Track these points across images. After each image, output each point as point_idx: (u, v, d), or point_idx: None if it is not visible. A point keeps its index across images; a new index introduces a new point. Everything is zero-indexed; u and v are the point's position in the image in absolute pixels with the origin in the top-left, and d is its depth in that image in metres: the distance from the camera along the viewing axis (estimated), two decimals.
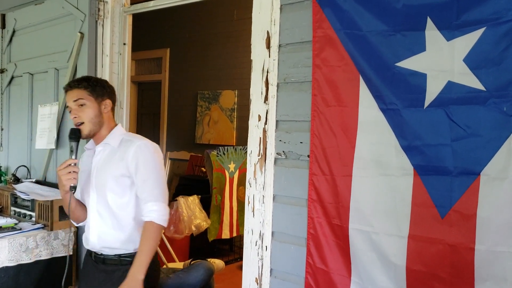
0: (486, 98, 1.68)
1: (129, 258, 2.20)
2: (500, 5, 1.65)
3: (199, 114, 6.73)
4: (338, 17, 2.02)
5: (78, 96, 2.20)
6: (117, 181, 2.19)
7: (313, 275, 2.12)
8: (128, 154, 2.18)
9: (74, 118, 2.20)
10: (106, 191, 2.21)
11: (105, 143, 2.25)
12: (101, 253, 2.25)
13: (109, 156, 2.24)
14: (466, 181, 1.72)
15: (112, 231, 2.21)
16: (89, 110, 2.20)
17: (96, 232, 2.24)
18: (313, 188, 2.11)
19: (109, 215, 2.22)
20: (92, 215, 2.26)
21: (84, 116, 2.19)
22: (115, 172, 2.19)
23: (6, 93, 3.97)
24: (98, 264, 2.27)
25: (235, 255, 5.48)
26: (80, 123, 2.19)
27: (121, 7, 3.18)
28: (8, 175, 3.76)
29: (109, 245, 2.22)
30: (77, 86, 2.22)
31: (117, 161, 2.20)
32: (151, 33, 7.22)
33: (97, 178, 2.24)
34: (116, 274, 2.20)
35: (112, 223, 2.21)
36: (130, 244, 2.21)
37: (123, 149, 2.21)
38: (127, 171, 2.18)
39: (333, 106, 2.04)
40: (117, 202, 2.20)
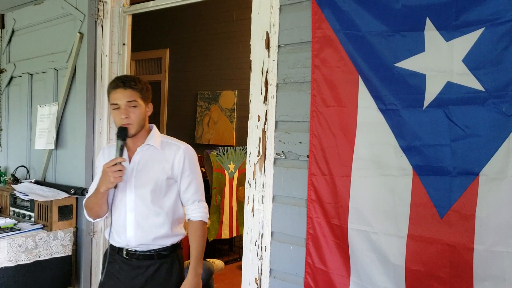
0: (485, 99, 1.68)
1: (166, 251, 2.31)
2: (499, 5, 1.65)
3: (199, 114, 6.73)
4: (337, 17, 2.02)
5: (133, 98, 2.23)
6: (161, 182, 2.28)
7: (312, 275, 2.12)
8: (174, 157, 2.30)
9: (125, 118, 2.22)
10: (148, 191, 2.27)
11: (148, 144, 2.31)
12: (135, 250, 2.30)
13: (152, 157, 2.31)
14: (465, 181, 1.73)
15: (151, 229, 2.27)
16: (139, 112, 2.25)
17: (133, 229, 2.28)
18: (312, 188, 2.11)
19: (149, 214, 2.28)
20: (129, 213, 2.30)
21: (134, 117, 2.24)
22: (159, 173, 2.28)
23: (5, 93, 3.97)
24: (131, 260, 2.31)
25: (235, 255, 5.48)
26: (128, 124, 2.23)
27: (121, 7, 3.18)
28: (7, 175, 3.76)
29: (147, 241, 2.28)
30: (133, 87, 2.25)
31: (162, 162, 2.29)
32: (150, 33, 7.23)
33: (138, 178, 2.29)
34: (151, 269, 2.29)
35: (152, 220, 2.28)
36: (168, 240, 2.31)
37: (167, 151, 2.32)
38: (172, 173, 2.30)
39: (332, 106, 2.04)
40: (159, 201, 2.29)
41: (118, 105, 2.23)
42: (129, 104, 2.22)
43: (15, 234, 2.84)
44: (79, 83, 3.20)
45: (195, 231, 2.33)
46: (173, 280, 2.32)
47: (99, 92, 3.17)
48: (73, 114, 3.26)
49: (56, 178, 3.40)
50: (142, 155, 2.31)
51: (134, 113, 2.23)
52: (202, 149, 5.95)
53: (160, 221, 2.28)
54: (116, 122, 2.25)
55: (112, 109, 2.27)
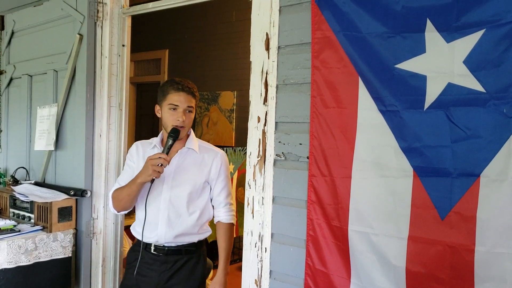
0: (486, 100, 1.68)
1: (193, 247, 2.50)
2: (500, 7, 1.65)
3: (198, 115, 6.73)
4: (337, 18, 2.02)
5: (192, 104, 2.42)
6: (198, 185, 2.46)
7: (312, 277, 2.12)
8: (213, 162, 2.50)
9: (182, 121, 2.38)
10: (185, 192, 2.43)
11: (188, 148, 2.48)
12: (164, 245, 2.45)
13: (191, 160, 2.48)
14: (466, 182, 1.72)
15: (182, 226, 2.42)
16: (192, 117, 2.46)
17: (165, 226, 2.41)
18: (313, 190, 2.11)
19: (182, 213, 2.43)
20: (162, 211, 2.42)
21: (188, 122, 2.42)
22: (198, 176, 2.46)
23: (5, 95, 3.96)
24: (159, 255, 2.45)
25: (234, 256, 5.47)
26: (181, 127, 2.39)
27: (120, 9, 3.17)
28: (7, 176, 3.75)
29: (176, 238, 2.43)
30: (193, 94, 2.44)
31: (202, 166, 2.48)
32: (150, 34, 7.23)
33: (176, 178, 2.44)
34: (178, 264, 2.46)
35: (184, 219, 2.43)
36: (196, 236, 2.49)
37: (206, 156, 2.50)
38: (208, 176, 2.49)
39: (332, 107, 2.04)
40: (193, 202, 2.45)
41: (178, 107, 2.39)
42: (188, 109, 2.41)
43: (15, 235, 2.83)
44: (78, 85, 3.20)
45: (225, 232, 2.54)
46: (197, 274, 2.49)
47: (98, 94, 3.17)
48: (72, 116, 3.26)
49: (56, 179, 3.40)
50: (181, 157, 2.46)
51: (189, 118, 2.43)
52: None
53: (192, 220, 2.43)
54: (169, 121, 2.39)
55: (168, 108, 2.40)
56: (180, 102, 2.38)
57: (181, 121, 2.38)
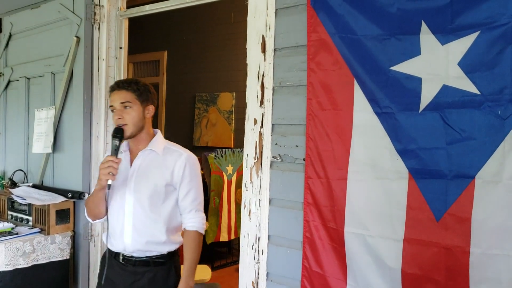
0: (481, 102, 1.69)
1: (162, 259, 2.28)
2: (494, 9, 1.66)
3: (197, 117, 6.73)
4: (332, 21, 2.02)
5: (126, 99, 2.24)
6: (160, 188, 2.25)
7: (309, 279, 2.12)
8: (175, 164, 2.27)
9: (118, 119, 2.23)
10: (146, 196, 2.25)
11: (150, 149, 2.30)
12: (132, 255, 2.27)
13: (152, 162, 2.29)
14: (461, 184, 1.73)
15: (148, 235, 2.24)
16: (134, 113, 2.25)
17: (130, 234, 2.25)
18: (309, 192, 2.11)
19: (146, 219, 2.25)
20: (127, 217, 2.27)
21: (128, 118, 2.24)
22: (158, 179, 2.25)
23: (2, 97, 3.97)
24: (127, 266, 2.28)
25: (233, 258, 5.47)
26: (123, 124, 2.23)
27: (117, 11, 3.18)
28: (5, 179, 3.75)
29: (143, 247, 2.25)
30: (126, 88, 2.26)
31: (163, 169, 2.27)
32: (148, 36, 7.23)
33: (138, 182, 2.27)
34: (147, 275, 2.26)
35: (149, 226, 2.25)
36: (165, 246, 2.28)
37: (169, 158, 2.29)
38: (171, 180, 2.27)
39: (328, 109, 2.04)
40: (155, 207, 2.25)
41: (113, 107, 2.26)
42: (123, 105, 2.23)
43: (13, 238, 2.84)
44: (76, 87, 3.20)
45: (189, 241, 2.29)
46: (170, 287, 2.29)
47: (96, 96, 3.17)
48: (70, 118, 3.26)
49: (54, 182, 3.40)
50: (143, 160, 2.30)
51: (128, 114, 2.23)
52: (200, 151, 5.95)
53: (158, 228, 2.25)
54: (114, 124, 2.27)
55: (111, 111, 2.30)
56: (114, 101, 2.26)
57: (118, 119, 2.23)
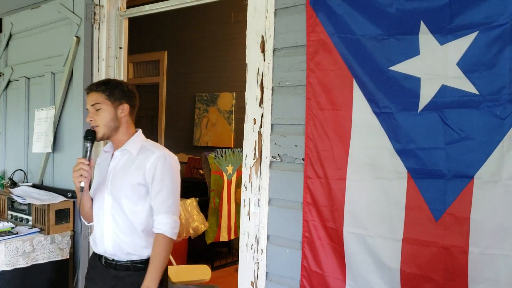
0: (480, 102, 1.69)
1: (142, 264, 2.22)
2: (493, 9, 1.66)
3: (197, 117, 6.74)
4: (331, 21, 2.02)
5: (95, 101, 2.22)
6: (133, 189, 2.20)
7: (308, 279, 2.12)
8: (146, 163, 2.19)
9: (90, 121, 2.22)
10: (121, 197, 2.21)
11: (124, 149, 2.26)
12: (113, 259, 2.25)
13: (127, 162, 2.25)
14: (460, 184, 1.73)
15: (126, 237, 2.21)
16: (104, 114, 2.22)
17: (110, 237, 2.23)
18: (308, 191, 2.12)
19: (124, 221, 2.21)
20: (106, 219, 2.25)
21: (99, 119, 2.21)
22: (132, 180, 2.20)
23: (2, 97, 3.97)
24: (108, 269, 2.26)
25: (233, 258, 5.47)
26: (95, 126, 2.22)
27: (117, 11, 3.18)
28: (5, 179, 3.75)
29: (123, 250, 2.22)
30: (95, 89, 2.24)
31: (135, 169, 2.21)
32: (148, 36, 7.23)
33: (113, 183, 2.24)
34: (128, 280, 2.22)
35: (127, 229, 2.21)
36: (144, 250, 2.22)
37: (142, 157, 2.22)
38: (144, 180, 2.20)
39: (327, 109, 2.05)
40: (131, 209, 2.21)
41: (87, 109, 2.26)
42: (93, 107, 2.22)
43: (13, 238, 2.84)
44: (76, 87, 3.21)
45: (155, 245, 2.19)
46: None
47: None
48: (70, 118, 3.26)
49: (54, 181, 3.40)
50: (118, 160, 2.28)
51: (99, 115, 2.21)
52: (200, 151, 5.96)
53: (135, 231, 2.20)
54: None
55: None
56: (87, 103, 2.25)
57: (89, 121, 2.23)
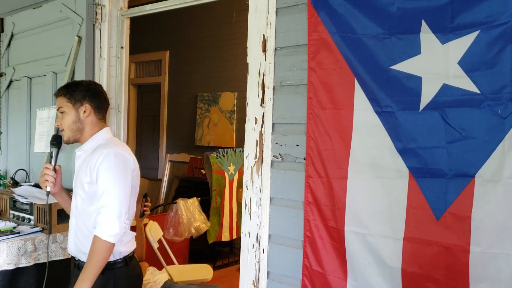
0: (481, 101, 1.69)
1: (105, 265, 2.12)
2: (494, 8, 1.66)
3: (199, 116, 6.74)
4: (333, 20, 2.02)
5: (59, 105, 2.27)
6: (84, 189, 2.17)
7: (309, 278, 2.12)
8: (94, 162, 2.13)
9: (57, 125, 2.28)
10: (79, 198, 2.21)
11: (81, 149, 2.29)
12: (78, 259, 2.26)
13: (84, 162, 2.23)
14: (461, 183, 1.73)
15: (84, 238, 2.18)
16: (66, 117, 2.25)
17: (72, 237, 2.25)
18: (309, 191, 2.12)
19: (81, 222, 2.20)
20: (71, 220, 2.28)
21: (63, 123, 2.25)
22: (82, 179, 2.18)
23: (4, 97, 3.98)
24: (75, 269, 2.28)
25: (235, 257, 5.48)
26: (61, 129, 2.26)
27: (119, 11, 3.19)
28: (7, 178, 3.76)
29: (81, 250, 2.21)
30: (58, 94, 2.29)
31: (85, 168, 2.17)
32: (150, 36, 7.24)
33: (74, 184, 2.27)
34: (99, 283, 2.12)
35: (84, 229, 2.18)
36: None
37: (92, 155, 2.17)
38: (91, 179, 2.13)
39: (328, 109, 2.05)
40: (85, 209, 2.18)
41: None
42: (59, 111, 2.27)
43: (15, 237, 2.84)
44: None
45: (91, 245, 2.07)
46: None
47: None
48: None
49: None
50: (79, 160, 2.29)
51: (63, 119, 2.25)
52: (202, 151, 5.96)
53: (89, 231, 2.14)
54: None
55: None
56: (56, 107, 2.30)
57: (56, 125, 2.28)
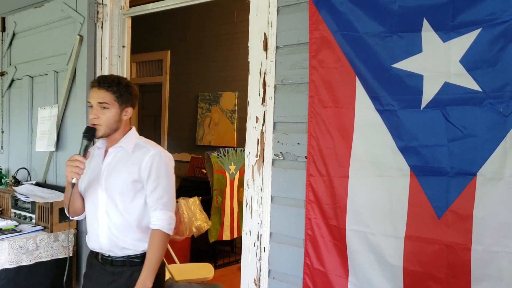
0: (482, 99, 1.69)
1: (138, 259, 2.23)
2: (495, 6, 1.66)
3: (200, 116, 6.74)
4: (334, 18, 2.02)
5: (104, 100, 2.17)
6: (128, 185, 2.20)
7: (310, 276, 2.13)
8: (142, 160, 2.20)
9: (93, 118, 2.18)
10: (116, 194, 2.21)
11: (119, 146, 2.26)
12: (109, 255, 2.26)
13: (122, 159, 2.24)
14: (462, 181, 1.73)
15: (121, 233, 2.22)
16: (110, 114, 2.19)
17: (105, 233, 2.24)
18: (311, 189, 2.12)
19: (119, 217, 2.22)
20: (100, 216, 2.25)
21: (104, 119, 2.18)
22: (127, 176, 2.21)
23: (6, 96, 3.99)
24: (105, 265, 2.27)
25: (236, 256, 5.48)
26: (97, 124, 2.18)
27: (120, 10, 3.19)
28: (8, 177, 3.77)
29: (118, 246, 2.23)
30: (107, 88, 2.18)
31: (131, 165, 2.21)
32: (151, 35, 7.24)
33: (108, 180, 2.24)
34: (124, 276, 2.23)
35: (121, 224, 2.22)
36: (139, 245, 2.23)
37: (137, 154, 2.23)
38: (139, 177, 2.20)
39: (329, 107, 2.05)
40: (126, 205, 2.22)
41: (90, 103, 2.20)
42: (100, 105, 2.17)
43: (16, 235, 2.85)
44: (79, 86, 3.21)
45: (151, 240, 2.21)
46: None
47: None
48: (73, 116, 3.27)
49: (57, 180, 3.42)
50: (113, 157, 2.27)
51: (104, 115, 2.18)
52: (203, 150, 5.97)
53: (130, 226, 2.21)
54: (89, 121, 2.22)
55: (88, 107, 2.24)
56: (92, 98, 2.19)
57: (93, 118, 2.18)
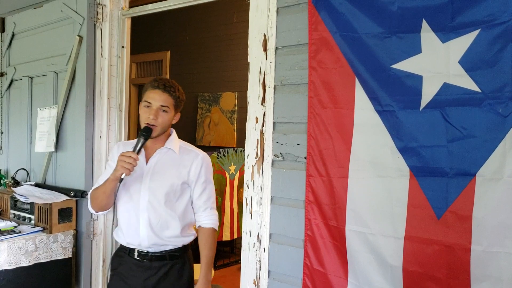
0: (482, 100, 1.69)
1: (177, 252, 2.37)
2: (494, 7, 1.66)
3: (200, 116, 6.74)
4: (333, 19, 2.02)
5: (166, 102, 2.29)
6: (177, 186, 2.33)
7: (310, 277, 2.13)
8: (192, 163, 2.36)
9: (153, 119, 2.26)
10: (162, 193, 2.31)
11: (167, 148, 2.37)
12: (147, 251, 2.33)
13: (170, 161, 2.36)
14: (462, 182, 1.73)
15: (163, 230, 2.31)
16: (167, 118, 2.31)
17: (146, 230, 2.31)
18: (310, 190, 2.12)
19: (162, 215, 2.31)
20: (142, 213, 2.32)
21: (161, 121, 2.28)
22: (177, 178, 2.33)
23: (5, 97, 3.98)
24: (142, 261, 2.34)
25: (236, 257, 5.48)
26: (154, 125, 2.26)
27: (120, 11, 3.19)
28: (7, 178, 3.76)
29: (158, 242, 2.31)
30: (169, 92, 2.30)
31: (179, 167, 2.35)
32: (151, 36, 7.24)
33: (153, 179, 2.33)
34: (162, 270, 2.33)
35: (164, 222, 2.31)
36: (180, 241, 2.36)
37: (187, 157, 2.38)
38: (188, 179, 2.36)
39: (329, 108, 2.05)
40: (172, 204, 2.33)
41: (151, 104, 2.27)
42: (162, 108, 2.27)
43: (15, 236, 2.84)
44: (78, 86, 3.21)
45: (206, 238, 2.40)
46: (184, 280, 2.37)
47: (98, 95, 3.18)
48: (73, 117, 3.27)
49: (56, 180, 3.41)
50: (160, 158, 2.36)
51: (163, 118, 2.28)
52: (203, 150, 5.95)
53: (173, 223, 2.32)
54: (142, 119, 2.29)
55: (143, 106, 2.30)
56: (154, 99, 2.27)
57: (152, 119, 2.25)
